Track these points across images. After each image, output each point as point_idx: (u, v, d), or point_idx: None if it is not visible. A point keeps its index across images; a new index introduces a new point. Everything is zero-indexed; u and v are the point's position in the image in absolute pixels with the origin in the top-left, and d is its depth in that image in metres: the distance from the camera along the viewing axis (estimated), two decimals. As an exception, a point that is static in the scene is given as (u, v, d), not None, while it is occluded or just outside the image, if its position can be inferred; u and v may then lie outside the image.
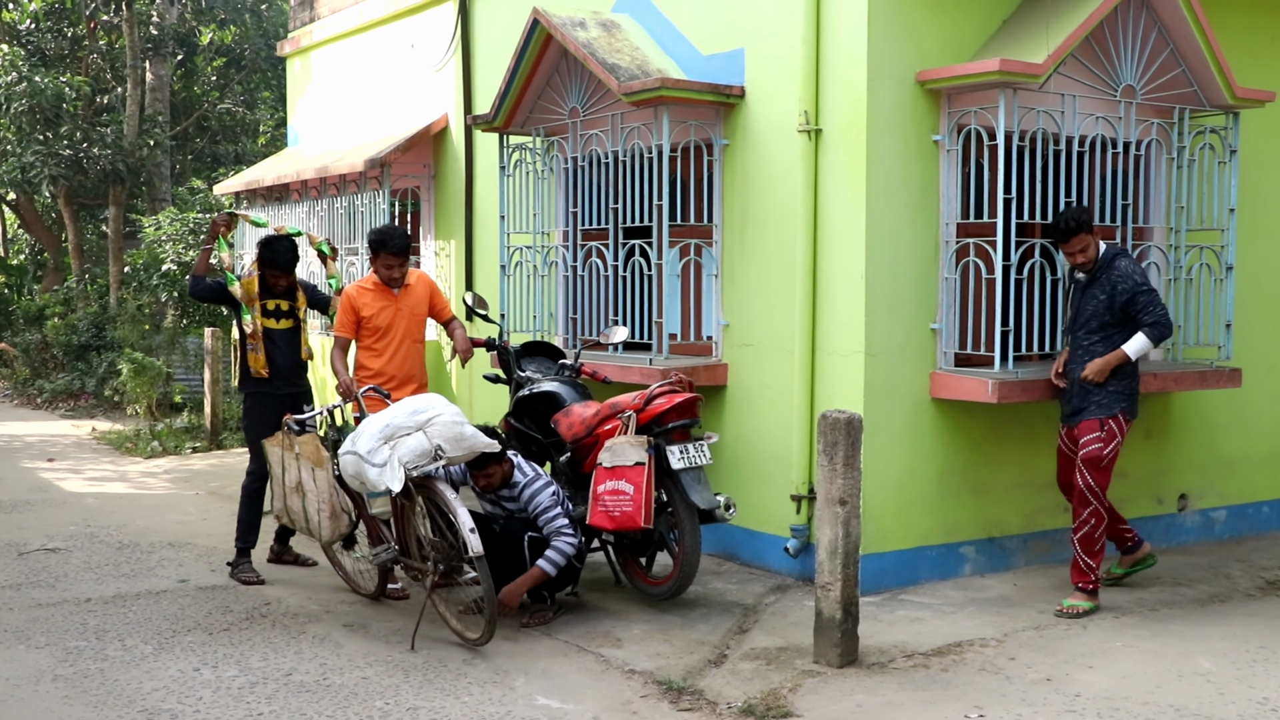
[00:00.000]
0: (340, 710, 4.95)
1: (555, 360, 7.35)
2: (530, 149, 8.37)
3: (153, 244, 16.30)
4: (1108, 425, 6.20)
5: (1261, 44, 8.04)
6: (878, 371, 6.59)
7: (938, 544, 6.87)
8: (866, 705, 4.96)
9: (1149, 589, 6.76)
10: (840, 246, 6.66)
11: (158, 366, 14.56)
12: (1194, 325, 7.47)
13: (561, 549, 5.90)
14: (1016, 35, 6.69)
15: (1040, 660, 5.51)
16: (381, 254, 6.91)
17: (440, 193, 10.40)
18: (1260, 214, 8.06)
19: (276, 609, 6.47)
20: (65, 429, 14.48)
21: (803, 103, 6.75)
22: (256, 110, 23.90)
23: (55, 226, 21.92)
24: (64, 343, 17.84)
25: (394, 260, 6.93)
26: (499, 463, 6.07)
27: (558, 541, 5.91)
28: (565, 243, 8.37)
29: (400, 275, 6.98)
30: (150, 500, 9.72)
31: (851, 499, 5.35)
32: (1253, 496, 8.30)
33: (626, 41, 7.74)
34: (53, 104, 17.92)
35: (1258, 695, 5.06)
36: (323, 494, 6.24)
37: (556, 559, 5.87)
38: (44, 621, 6.22)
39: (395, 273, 6.96)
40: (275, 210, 11.74)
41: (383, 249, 6.90)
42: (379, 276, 7.00)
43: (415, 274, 7.17)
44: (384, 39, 11.11)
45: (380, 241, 6.91)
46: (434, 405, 5.85)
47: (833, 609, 5.39)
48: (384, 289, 7.01)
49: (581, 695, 5.13)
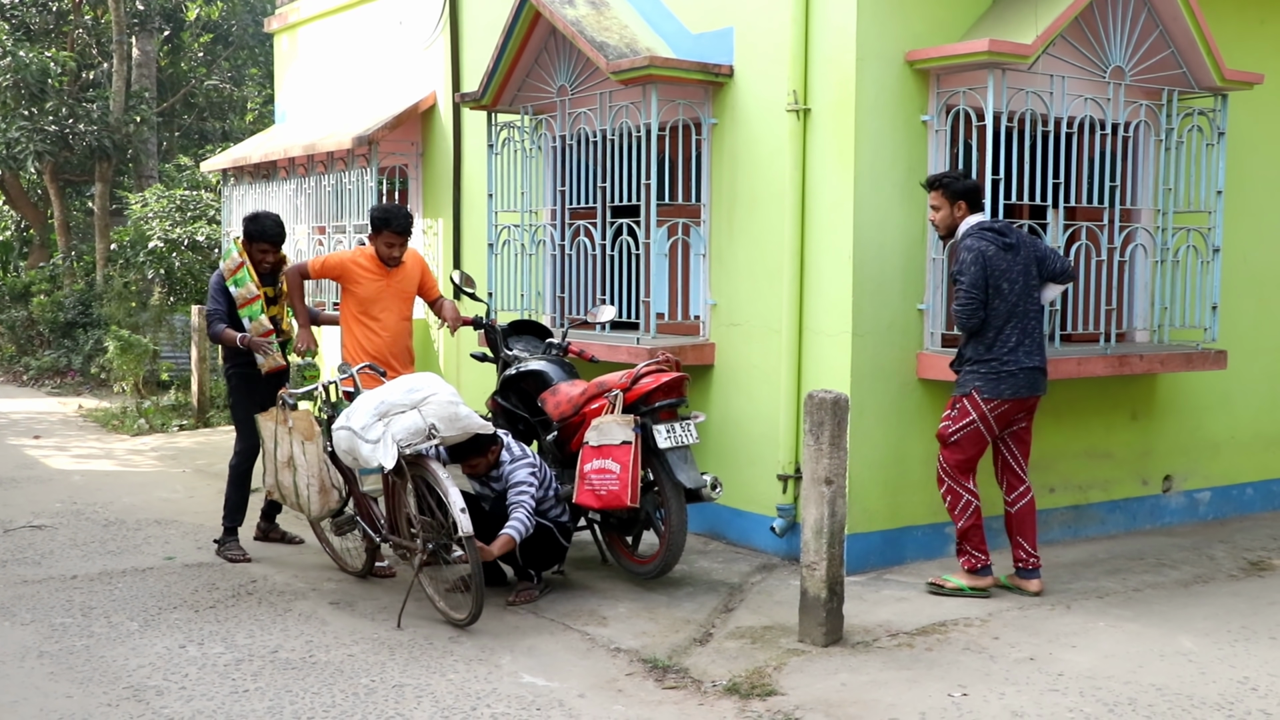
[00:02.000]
0: (326, 687, 4.95)
1: (542, 339, 7.35)
2: (518, 127, 8.34)
3: (139, 221, 16.21)
4: (959, 404, 6.06)
5: (1250, 26, 8.03)
6: (865, 352, 6.60)
7: (923, 524, 6.89)
8: (851, 684, 4.98)
9: (1133, 570, 6.80)
10: (828, 226, 6.65)
11: (144, 344, 14.50)
12: (1180, 307, 7.49)
13: (520, 518, 5.81)
14: (1006, 16, 6.67)
15: (1024, 640, 5.54)
16: (385, 232, 6.91)
17: (428, 171, 10.36)
18: (1247, 196, 8.07)
19: (263, 586, 6.47)
20: (52, 406, 14.43)
21: (791, 82, 6.74)
22: (244, 87, 23.76)
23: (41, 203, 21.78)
24: (50, 320, 17.76)
25: (396, 239, 6.94)
26: (491, 445, 6.05)
27: (516, 511, 5.83)
28: (553, 221, 8.35)
29: (399, 254, 7.00)
30: (137, 478, 9.70)
31: (837, 479, 5.36)
32: (1237, 478, 8.34)
33: (615, 19, 7.71)
34: (38, 79, 17.79)
35: (1238, 674, 5.10)
36: (312, 468, 6.25)
37: (518, 526, 5.80)
38: (29, 598, 6.21)
39: (395, 251, 6.98)
40: (263, 188, 11.69)
41: (386, 227, 6.90)
42: (378, 253, 6.99)
43: (409, 252, 7.17)
44: (372, 16, 11.05)
45: (384, 219, 6.90)
46: (430, 384, 5.86)
47: (818, 588, 5.41)
48: (378, 265, 7.01)
49: (567, 673, 5.15)
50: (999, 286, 5.97)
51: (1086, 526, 7.57)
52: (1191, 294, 7.51)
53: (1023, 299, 6.04)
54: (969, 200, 6.12)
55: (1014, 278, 6.01)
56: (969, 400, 6.04)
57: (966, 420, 6.05)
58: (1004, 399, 6.00)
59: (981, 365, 6.02)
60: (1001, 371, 5.99)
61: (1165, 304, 7.42)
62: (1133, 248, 7.33)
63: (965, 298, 5.97)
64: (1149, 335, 7.53)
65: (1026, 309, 6.06)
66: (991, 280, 5.96)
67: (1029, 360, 6.04)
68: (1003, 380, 5.99)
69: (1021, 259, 6.06)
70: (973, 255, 5.97)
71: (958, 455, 6.10)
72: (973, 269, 5.95)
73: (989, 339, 6.01)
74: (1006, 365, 5.99)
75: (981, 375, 6.01)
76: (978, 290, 5.94)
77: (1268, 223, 8.30)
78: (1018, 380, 6.01)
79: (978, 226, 6.07)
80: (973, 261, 5.96)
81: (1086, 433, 7.51)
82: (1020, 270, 6.04)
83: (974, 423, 6.04)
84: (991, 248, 5.98)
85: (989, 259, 5.96)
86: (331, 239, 10.52)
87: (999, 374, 5.99)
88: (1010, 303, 5.99)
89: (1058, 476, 7.40)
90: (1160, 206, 7.36)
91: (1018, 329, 6.02)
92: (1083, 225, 7.07)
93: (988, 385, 5.99)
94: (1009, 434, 6.23)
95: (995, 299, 5.98)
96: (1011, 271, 6.00)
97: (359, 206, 10.13)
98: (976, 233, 6.05)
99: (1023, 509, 6.25)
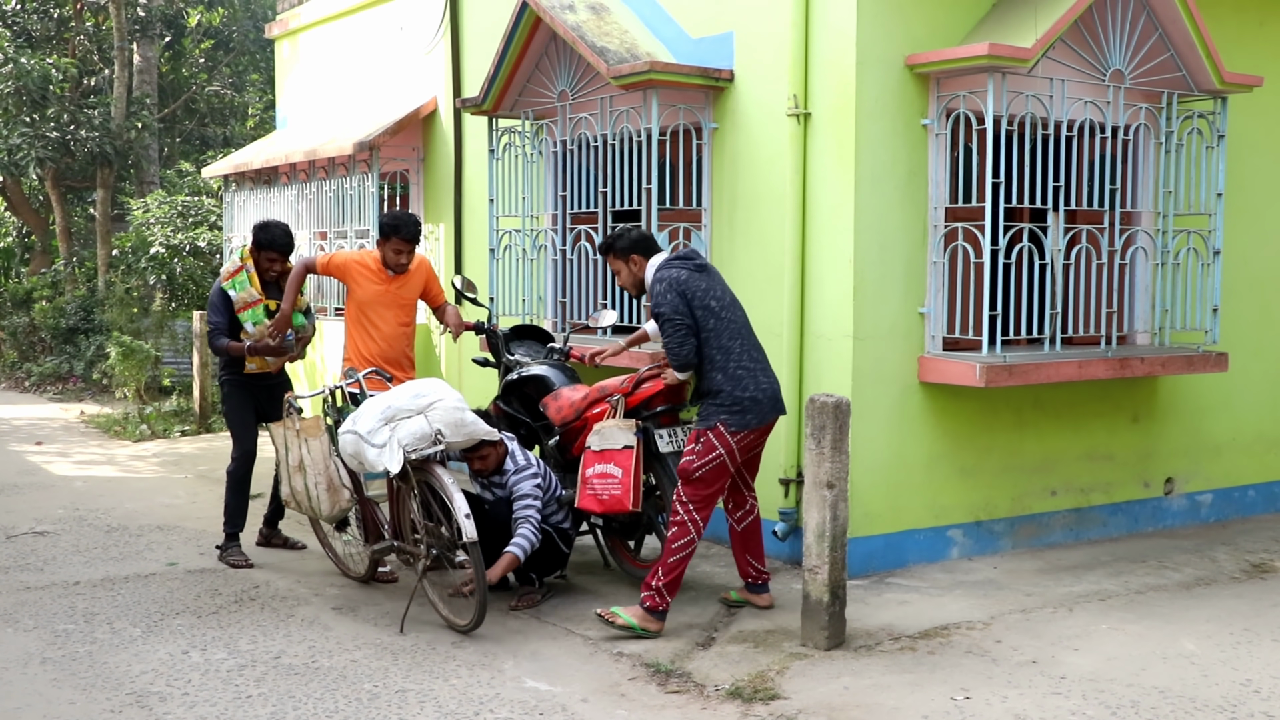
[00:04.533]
0: (329, 693, 4.96)
1: (544, 344, 7.36)
2: (519, 132, 8.35)
3: (141, 227, 16.22)
4: (704, 437, 5.65)
5: (1249, 28, 8.04)
6: (866, 355, 6.60)
7: (925, 527, 6.90)
8: (853, 687, 4.98)
9: (1135, 573, 6.80)
10: (829, 230, 6.66)
11: (146, 350, 14.52)
12: (1181, 310, 7.49)
13: (525, 534, 5.84)
14: (1005, 19, 6.68)
15: (1026, 643, 5.54)
16: (393, 239, 6.92)
17: (429, 176, 10.37)
18: (1247, 198, 8.08)
19: (265, 592, 6.48)
20: (54, 412, 14.44)
21: (792, 86, 6.75)
22: (245, 93, 23.77)
23: (43, 209, 21.80)
24: (52, 326, 17.77)
25: (404, 246, 6.96)
26: (493, 444, 6.08)
27: (522, 528, 5.86)
28: (554, 226, 8.36)
29: (406, 262, 7.01)
30: (139, 483, 9.71)
31: (839, 482, 5.37)
32: (1239, 480, 8.34)
33: (615, 24, 7.72)
34: (39, 86, 17.81)
35: (1241, 677, 5.10)
36: (318, 465, 6.26)
37: (522, 544, 5.81)
38: (32, 604, 6.21)
39: (403, 258, 7.00)
40: (264, 193, 11.71)
41: (395, 234, 6.92)
42: (385, 260, 7.00)
43: (417, 259, 7.18)
44: (373, 21, 11.06)
45: (394, 226, 6.91)
46: (436, 390, 5.89)
47: (820, 592, 5.41)
48: (380, 270, 7.03)
49: (570, 677, 5.15)
50: (707, 305, 5.68)
51: (1088, 529, 7.57)
52: (1192, 296, 7.51)
53: (739, 314, 5.80)
54: (640, 250, 5.94)
55: (719, 294, 5.75)
56: (715, 434, 5.63)
57: (713, 455, 5.64)
58: (750, 429, 5.68)
59: (724, 396, 5.64)
60: (744, 400, 5.64)
61: (1166, 306, 7.42)
62: (1133, 250, 7.33)
63: (671, 328, 5.65)
64: (1150, 338, 7.54)
65: (748, 326, 5.82)
66: (696, 301, 5.67)
67: (767, 381, 5.74)
68: (748, 411, 5.65)
69: (718, 279, 5.86)
70: (665, 284, 5.69)
71: (701, 491, 5.68)
72: (669, 295, 5.66)
73: (726, 365, 5.66)
74: (749, 392, 5.65)
75: (726, 408, 5.63)
76: (681, 315, 5.64)
77: (1268, 225, 8.31)
78: (762, 407, 5.69)
79: (663, 262, 5.84)
80: (666, 289, 5.67)
81: (1088, 435, 7.51)
82: (722, 288, 5.82)
83: (720, 457, 5.64)
84: (682, 272, 5.72)
85: (683, 282, 5.68)
86: (333, 244, 10.53)
87: (743, 403, 5.64)
88: (726, 319, 5.71)
89: (1059, 479, 7.40)
90: (1160, 209, 7.37)
91: (748, 347, 5.75)
92: (1083, 228, 7.07)
93: (734, 418, 5.63)
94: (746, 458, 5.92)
95: (709, 319, 5.68)
96: (714, 289, 5.75)
97: (360, 212, 10.14)
98: (663, 265, 5.81)
99: (749, 526, 6.06)
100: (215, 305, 7.09)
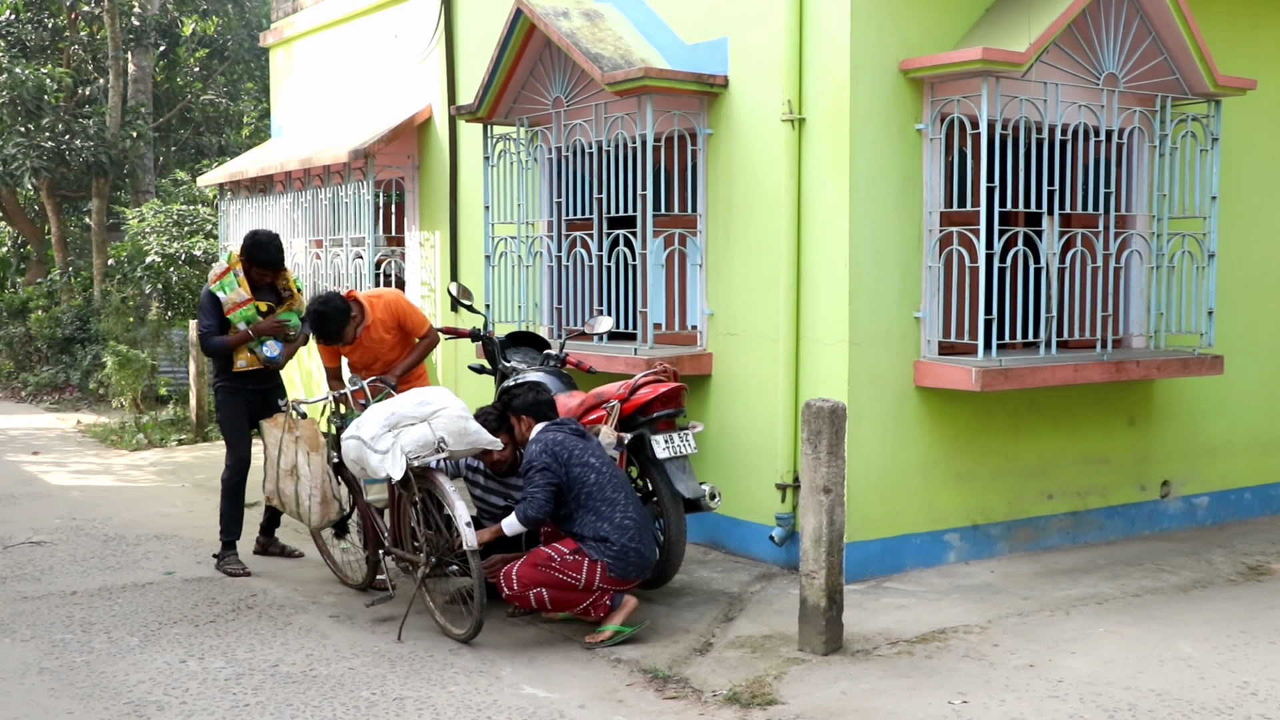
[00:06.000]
0: (327, 701, 4.96)
1: (540, 350, 7.36)
2: (514, 139, 8.36)
3: (136, 236, 16.21)
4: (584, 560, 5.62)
5: (1242, 32, 8.07)
6: (862, 360, 6.61)
7: (922, 532, 6.90)
8: (851, 692, 4.98)
9: (1131, 576, 6.80)
10: (824, 235, 6.67)
11: (142, 359, 14.51)
12: (1176, 313, 7.51)
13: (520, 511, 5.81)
14: (999, 24, 6.70)
15: (1023, 646, 5.54)
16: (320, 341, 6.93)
17: (424, 183, 10.38)
18: (1242, 201, 8.10)
19: (262, 600, 6.47)
20: (50, 422, 14.42)
21: (786, 92, 6.76)
22: (240, 102, 23.79)
23: (38, 219, 21.80)
24: (48, 336, 17.76)
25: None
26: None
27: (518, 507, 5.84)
28: (550, 233, 8.37)
29: (352, 334, 6.87)
30: (135, 493, 9.70)
31: (836, 487, 5.37)
32: (1235, 482, 8.35)
33: (610, 31, 7.73)
34: (34, 95, 17.80)
35: (1238, 679, 5.11)
36: (316, 479, 6.29)
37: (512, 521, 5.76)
38: (29, 614, 6.20)
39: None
40: (260, 202, 11.71)
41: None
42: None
43: (381, 304, 7.01)
44: (367, 29, 11.07)
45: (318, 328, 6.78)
46: (441, 398, 5.90)
47: (817, 597, 5.42)
48: (333, 349, 7.10)
49: (567, 684, 5.15)
50: (586, 462, 5.70)
51: (1085, 532, 7.58)
52: (1187, 299, 7.52)
53: (621, 475, 5.79)
54: (532, 414, 5.95)
55: (600, 455, 5.79)
56: (591, 565, 5.61)
57: (575, 575, 5.61)
58: (623, 578, 5.66)
59: (613, 544, 5.61)
60: (630, 550, 5.62)
61: (1161, 310, 7.43)
62: (1128, 254, 7.35)
63: (541, 478, 5.65)
64: (1145, 341, 7.55)
65: (630, 487, 5.81)
66: (574, 459, 5.68)
67: (645, 545, 5.72)
68: (630, 562, 5.65)
69: (597, 445, 5.86)
70: (540, 445, 5.73)
71: (540, 580, 5.62)
72: (542, 456, 5.68)
73: (613, 516, 5.64)
74: (634, 543, 5.64)
75: (614, 555, 5.60)
76: (549, 474, 5.64)
77: (1262, 228, 8.32)
78: (638, 566, 5.69)
79: (543, 428, 5.87)
80: (541, 450, 5.70)
81: (1084, 439, 7.52)
82: (601, 453, 5.82)
83: (578, 581, 5.61)
84: (560, 434, 5.78)
85: (560, 443, 5.72)
86: (329, 253, 10.53)
87: (627, 553, 5.62)
88: (608, 475, 5.71)
89: (1055, 483, 7.41)
90: (1155, 213, 7.38)
91: (632, 502, 5.73)
92: (1078, 232, 7.08)
93: (616, 564, 5.62)
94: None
95: (589, 474, 5.67)
96: (594, 450, 5.79)
97: (356, 220, 10.14)
98: (542, 429, 5.86)
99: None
100: (205, 308, 7.07)
